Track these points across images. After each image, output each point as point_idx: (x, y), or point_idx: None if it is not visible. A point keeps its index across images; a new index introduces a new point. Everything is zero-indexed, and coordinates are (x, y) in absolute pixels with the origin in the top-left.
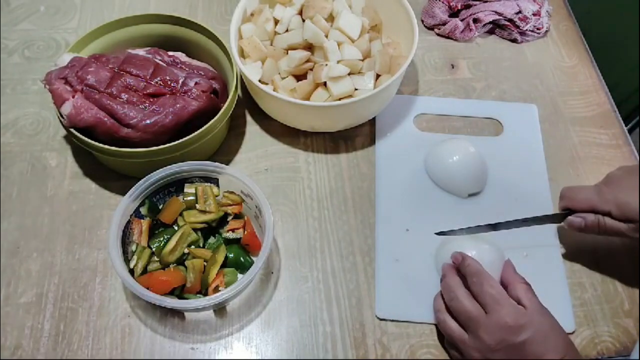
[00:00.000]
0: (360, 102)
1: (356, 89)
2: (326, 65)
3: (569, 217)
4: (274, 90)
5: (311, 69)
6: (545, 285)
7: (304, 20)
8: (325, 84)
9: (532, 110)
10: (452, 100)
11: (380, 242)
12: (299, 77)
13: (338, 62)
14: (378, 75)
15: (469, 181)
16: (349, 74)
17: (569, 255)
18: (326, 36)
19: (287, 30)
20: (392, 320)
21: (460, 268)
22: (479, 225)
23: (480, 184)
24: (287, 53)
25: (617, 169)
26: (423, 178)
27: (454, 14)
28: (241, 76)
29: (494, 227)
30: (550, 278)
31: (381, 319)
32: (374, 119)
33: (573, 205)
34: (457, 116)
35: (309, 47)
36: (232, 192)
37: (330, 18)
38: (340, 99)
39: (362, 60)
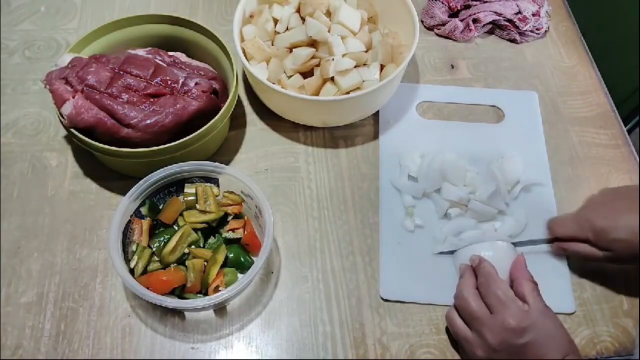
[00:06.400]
0: (371, 93)
1: (363, 81)
2: (332, 59)
3: (552, 247)
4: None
5: (317, 65)
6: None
7: (302, 18)
8: (332, 78)
9: (533, 97)
10: (453, 88)
11: (384, 224)
12: (305, 74)
13: (343, 55)
14: (381, 66)
15: None
16: (354, 67)
17: (568, 256)
18: (328, 31)
19: (287, 29)
20: (395, 301)
21: (475, 270)
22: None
23: None
24: (291, 51)
25: (599, 191)
26: None
27: (453, 14)
28: (242, 77)
29: None
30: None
31: (385, 300)
32: (375, 114)
33: (558, 236)
34: (458, 104)
35: (312, 44)
36: (232, 192)
37: (328, 13)
38: (348, 92)
39: (366, 51)
